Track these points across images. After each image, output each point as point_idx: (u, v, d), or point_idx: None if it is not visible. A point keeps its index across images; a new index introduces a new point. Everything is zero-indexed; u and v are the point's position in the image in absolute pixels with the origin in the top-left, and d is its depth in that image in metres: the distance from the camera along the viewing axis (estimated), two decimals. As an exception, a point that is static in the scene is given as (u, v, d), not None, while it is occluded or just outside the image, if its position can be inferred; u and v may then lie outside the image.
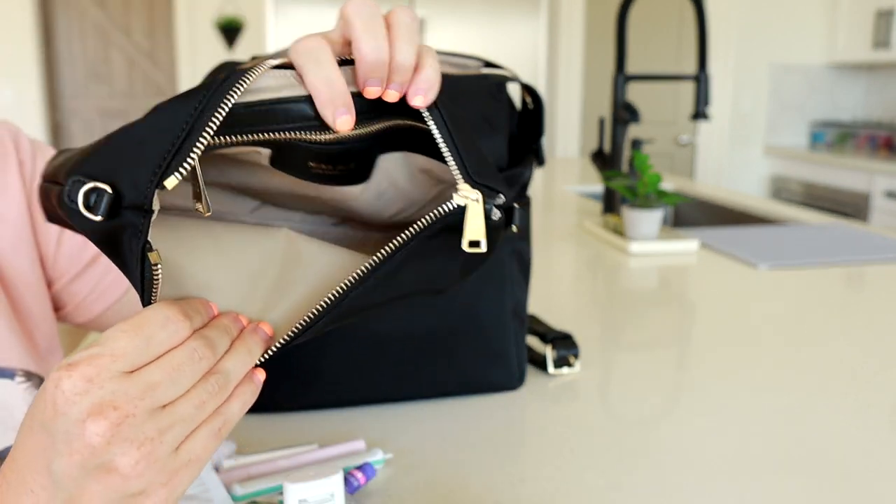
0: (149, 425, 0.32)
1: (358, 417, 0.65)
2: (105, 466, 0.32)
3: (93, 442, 0.31)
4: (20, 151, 0.57)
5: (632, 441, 0.61)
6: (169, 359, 0.34)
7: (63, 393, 0.31)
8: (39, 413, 0.32)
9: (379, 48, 0.35)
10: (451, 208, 0.37)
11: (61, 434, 0.31)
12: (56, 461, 0.32)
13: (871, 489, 0.54)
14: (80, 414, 0.31)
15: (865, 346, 0.84)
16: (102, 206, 0.31)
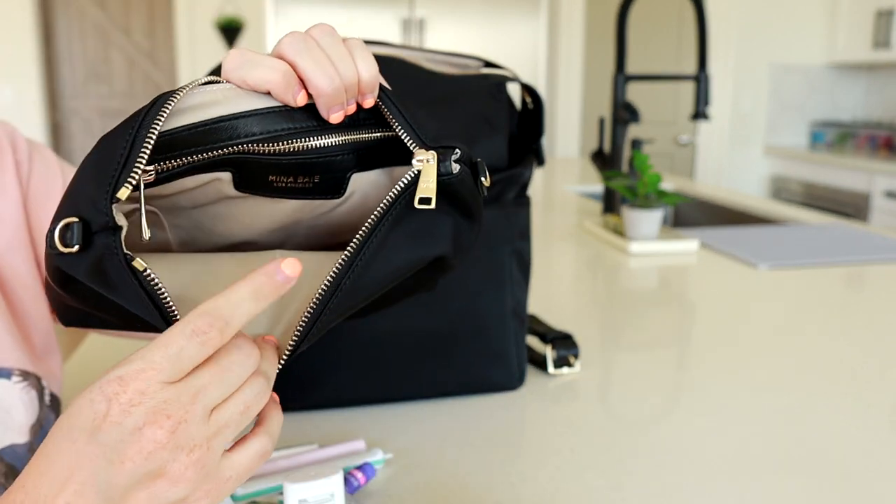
0: (199, 431, 0.33)
1: (358, 417, 0.65)
2: (154, 473, 0.32)
3: (148, 449, 0.32)
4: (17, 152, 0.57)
5: (632, 441, 0.61)
6: (217, 360, 0.34)
7: (120, 404, 0.32)
8: (84, 423, 0.32)
9: (331, 78, 0.37)
10: (412, 176, 0.38)
11: (115, 443, 0.32)
12: (105, 470, 0.32)
13: (871, 489, 0.54)
14: (135, 423, 0.32)
15: (865, 346, 0.84)
16: (75, 236, 0.32)
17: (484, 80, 0.67)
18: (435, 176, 0.38)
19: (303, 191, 0.40)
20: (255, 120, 0.37)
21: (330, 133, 0.39)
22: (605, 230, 1.42)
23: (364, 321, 0.64)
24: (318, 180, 0.40)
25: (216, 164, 0.37)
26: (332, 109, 0.38)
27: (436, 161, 0.38)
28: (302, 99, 0.37)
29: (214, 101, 0.36)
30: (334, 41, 0.38)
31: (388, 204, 0.38)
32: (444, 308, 0.65)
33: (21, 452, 0.51)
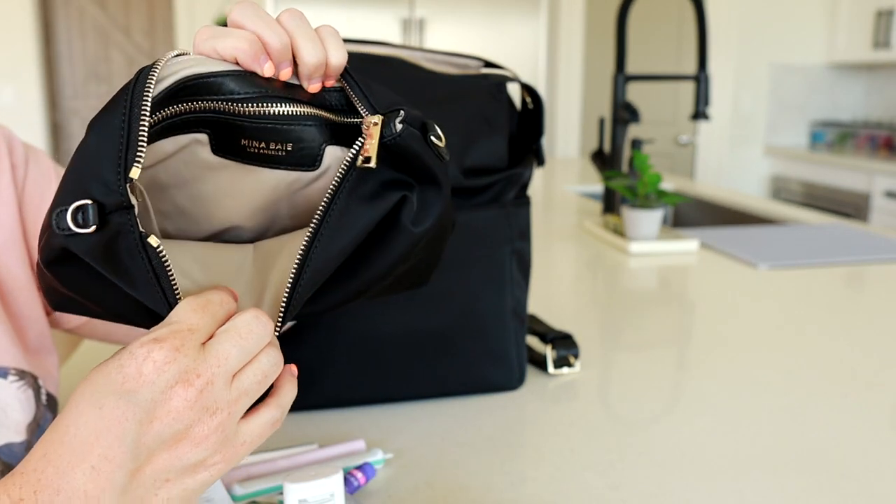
0: (223, 395, 0.34)
1: (358, 417, 0.65)
2: (180, 434, 0.33)
3: (177, 408, 0.33)
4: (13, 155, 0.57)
5: (632, 441, 0.61)
6: (235, 327, 0.36)
7: (154, 362, 0.33)
8: (112, 387, 0.33)
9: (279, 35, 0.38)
10: (360, 143, 0.39)
11: (145, 402, 0.32)
12: (134, 430, 0.32)
13: (871, 489, 0.54)
14: (168, 381, 0.33)
15: (865, 346, 0.84)
16: (91, 216, 0.33)
17: (484, 80, 0.67)
18: (377, 137, 0.39)
19: (276, 159, 0.42)
20: (231, 79, 0.38)
21: (300, 103, 0.40)
22: (605, 230, 1.42)
23: (364, 321, 0.64)
24: (290, 149, 0.41)
25: (192, 123, 0.39)
26: (281, 66, 0.39)
27: (381, 123, 0.39)
28: (269, 69, 0.38)
29: (189, 65, 0.38)
30: (301, 23, 0.39)
31: (342, 172, 0.39)
32: (444, 308, 0.65)
33: (18, 451, 0.51)
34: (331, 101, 0.42)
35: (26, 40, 4.05)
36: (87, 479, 0.32)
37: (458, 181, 0.64)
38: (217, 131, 0.40)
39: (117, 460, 0.32)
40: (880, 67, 4.11)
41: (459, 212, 0.65)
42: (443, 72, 0.67)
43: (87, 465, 0.32)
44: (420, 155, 0.41)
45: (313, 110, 0.41)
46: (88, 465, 0.32)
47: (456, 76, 0.67)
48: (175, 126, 0.39)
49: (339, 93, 0.42)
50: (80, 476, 0.32)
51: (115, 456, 0.32)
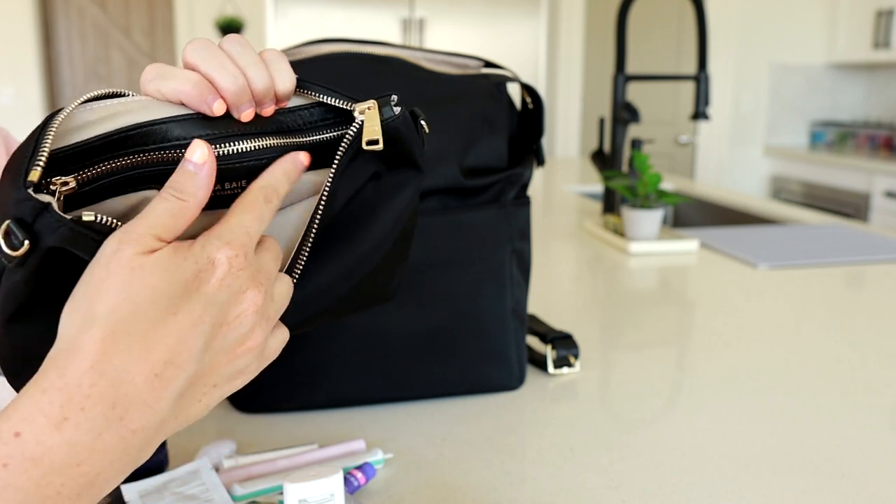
0: (271, 305, 0.35)
1: (358, 417, 0.65)
2: (241, 339, 0.34)
3: (247, 311, 0.33)
4: None
5: (632, 441, 0.61)
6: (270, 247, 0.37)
7: (231, 266, 0.33)
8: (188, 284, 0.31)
9: (235, 76, 0.37)
10: (357, 127, 0.40)
11: (220, 304, 0.32)
12: (208, 332, 0.32)
13: (871, 489, 0.54)
14: (241, 286, 0.33)
15: (865, 346, 0.84)
16: (19, 235, 0.31)
17: (484, 80, 0.67)
18: (378, 119, 0.40)
19: (233, 198, 0.40)
20: (174, 125, 0.37)
21: (253, 137, 0.39)
22: (605, 230, 1.42)
23: (364, 321, 0.64)
24: (244, 185, 0.40)
25: (139, 180, 0.37)
26: (241, 108, 0.38)
27: (377, 107, 0.40)
28: (219, 107, 0.37)
29: (127, 111, 0.36)
30: (243, 49, 0.38)
31: (340, 156, 0.40)
32: (444, 308, 0.65)
33: None
34: (287, 124, 0.40)
35: (26, 40, 4.05)
36: (148, 389, 0.30)
37: (458, 181, 0.64)
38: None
39: (184, 366, 0.31)
40: (880, 67, 4.11)
41: (459, 212, 0.65)
42: (443, 72, 0.67)
43: (149, 372, 0.30)
44: (408, 140, 0.42)
45: (272, 141, 0.40)
46: (153, 374, 0.30)
47: (456, 76, 0.67)
48: (120, 183, 0.36)
49: (293, 113, 0.41)
50: (142, 386, 0.30)
51: (182, 361, 0.31)
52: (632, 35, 4.16)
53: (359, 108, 0.40)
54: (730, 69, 4.10)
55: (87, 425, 0.28)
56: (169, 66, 0.38)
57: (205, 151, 0.34)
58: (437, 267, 0.65)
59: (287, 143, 0.40)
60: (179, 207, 0.33)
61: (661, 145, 4.28)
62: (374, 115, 0.40)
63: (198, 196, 0.33)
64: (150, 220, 0.32)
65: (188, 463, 0.56)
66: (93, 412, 0.28)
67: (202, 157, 0.33)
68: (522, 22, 3.84)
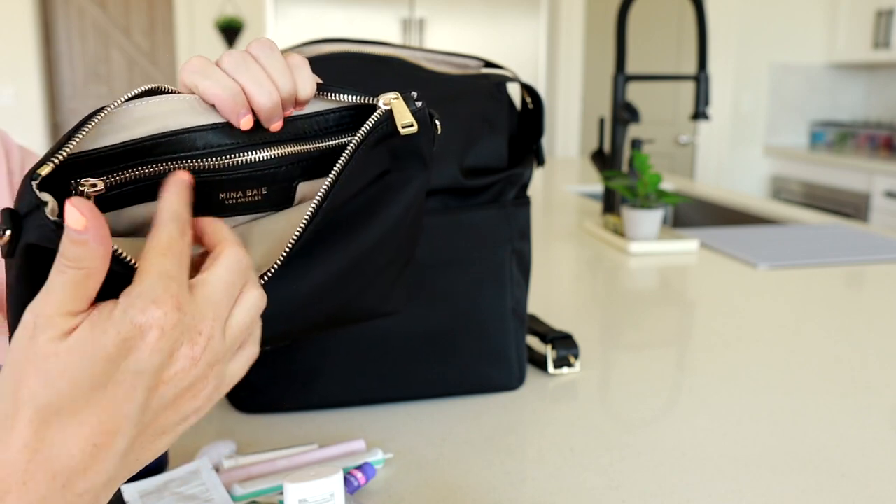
0: (221, 346, 0.34)
1: (358, 417, 0.65)
2: (183, 392, 0.33)
3: (184, 367, 0.32)
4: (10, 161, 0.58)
5: (632, 441, 0.62)
6: (213, 271, 0.34)
7: (161, 328, 0.31)
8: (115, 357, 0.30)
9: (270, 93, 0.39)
10: (382, 113, 0.41)
11: (151, 372, 0.31)
12: (143, 398, 0.31)
13: (871, 489, 0.54)
14: (174, 345, 0.31)
15: (865, 346, 0.84)
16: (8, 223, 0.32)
17: (484, 80, 0.67)
18: (407, 108, 0.41)
19: (253, 205, 0.42)
20: (199, 135, 0.38)
21: (274, 146, 0.41)
22: (605, 230, 1.42)
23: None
24: (265, 192, 0.41)
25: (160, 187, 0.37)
26: (272, 121, 0.40)
27: (401, 99, 0.42)
28: (247, 123, 0.38)
29: (160, 114, 0.37)
30: (273, 56, 0.40)
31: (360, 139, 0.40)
32: (444, 308, 0.65)
33: None
34: (304, 130, 0.42)
35: (26, 40, 4.05)
36: (88, 457, 0.30)
37: (458, 181, 0.64)
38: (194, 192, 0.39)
39: (122, 432, 0.31)
40: (880, 67, 4.11)
41: (459, 212, 0.65)
42: (443, 72, 0.67)
43: (86, 443, 0.30)
44: (424, 135, 0.43)
45: (291, 149, 0.41)
46: (90, 444, 0.30)
47: (456, 76, 0.67)
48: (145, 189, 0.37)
49: (310, 119, 0.42)
50: (79, 455, 0.30)
51: (118, 428, 0.31)
52: (632, 35, 4.16)
53: (384, 98, 0.42)
54: (730, 69, 4.10)
55: (29, 497, 0.29)
56: (212, 65, 0.39)
57: (77, 215, 0.30)
58: (437, 267, 0.65)
59: (304, 150, 0.42)
60: (81, 277, 0.30)
61: (661, 145, 4.28)
62: (401, 104, 0.42)
63: (95, 260, 0.30)
64: (55, 298, 0.30)
65: (188, 463, 0.56)
66: (34, 484, 0.29)
67: (78, 222, 0.30)
68: (522, 22, 3.84)
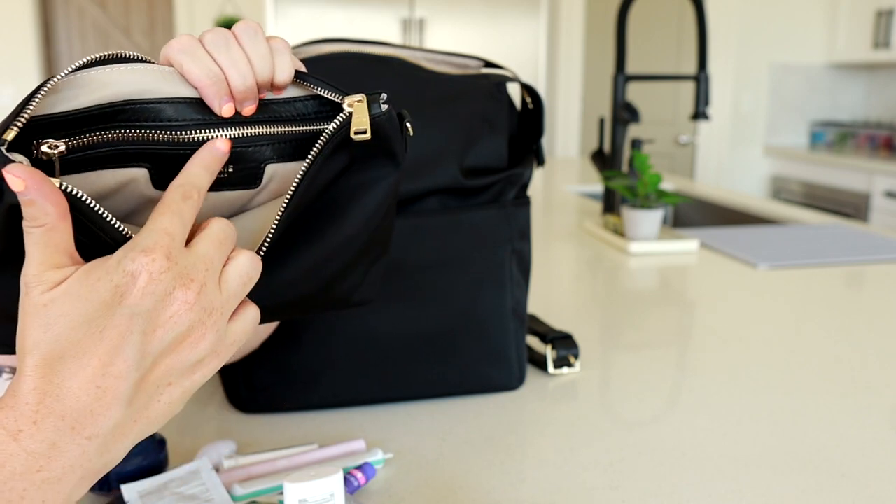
0: (216, 295, 0.35)
1: (358, 417, 0.65)
2: (181, 337, 0.34)
3: (178, 311, 0.33)
4: None
5: (632, 441, 0.61)
6: (207, 232, 0.36)
7: (150, 273, 0.33)
8: (110, 302, 0.32)
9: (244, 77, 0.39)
10: (345, 116, 0.41)
11: (147, 312, 0.33)
12: (139, 341, 0.33)
13: (871, 489, 0.54)
14: (166, 288, 0.33)
15: (865, 346, 0.84)
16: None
17: (484, 79, 0.67)
18: (367, 113, 0.41)
19: (219, 182, 0.42)
20: (168, 106, 0.38)
21: (245, 125, 0.41)
22: (605, 230, 1.42)
23: (364, 321, 0.64)
24: (231, 170, 0.42)
25: (129, 156, 0.38)
26: (244, 105, 0.40)
27: (366, 101, 0.41)
28: (228, 111, 0.39)
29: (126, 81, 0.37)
30: (256, 39, 0.40)
31: (324, 142, 0.41)
32: (444, 308, 0.65)
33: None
34: (280, 113, 0.42)
35: (26, 40, 4.05)
36: (93, 400, 0.32)
37: (458, 181, 0.64)
38: (158, 164, 0.39)
39: (123, 375, 0.32)
40: (880, 67, 4.11)
41: (459, 212, 0.65)
42: (443, 72, 0.67)
43: (90, 384, 0.32)
44: (392, 139, 0.43)
45: (261, 130, 0.42)
46: (94, 385, 0.32)
47: (456, 76, 0.67)
48: (110, 157, 0.38)
49: (289, 104, 0.42)
50: (84, 398, 0.32)
51: (120, 372, 0.32)
52: (632, 35, 4.16)
53: (348, 100, 0.41)
54: (730, 69, 4.10)
55: (41, 436, 0.31)
56: (200, 47, 0.39)
57: (14, 179, 0.31)
58: (437, 267, 0.65)
59: (276, 133, 0.42)
60: (43, 232, 0.32)
61: (661, 145, 4.28)
62: (362, 107, 0.41)
63: (48, 216, 0.32)
64: (32, 259, 0.33)
65: (188, 463, 0.56)
66: (44, 424, 0.31)
67: (17, 184, 0.31)
68: (522, 22, 3.84)
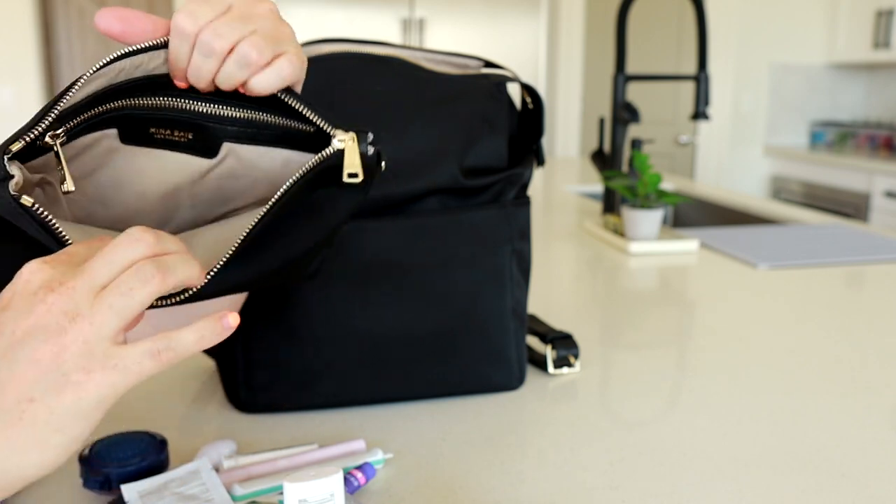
0: (84, 301, 0.34)
1: (358, 417, 0.65)
2: (41, 338, 0.33)
3: (39, 310, 0.33)
4: None
5: (632, 441, 0.61)
6: (107, 248, 0.36)
7: (23, 274, 0.34)
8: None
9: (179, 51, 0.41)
10: (332, 151, 0.42)
11: (14, 312, 0.33)
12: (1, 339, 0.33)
13: (871, 489, 0.54)
14: (33, 289, 0.33)
15: (865, 346, 0.84)
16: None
17: (484, 79, 0.67)
18: (358, 155, 0.43)
19: (179, 145, 0.46)
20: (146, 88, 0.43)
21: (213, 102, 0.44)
22: (605, 230, 1.42)
23: (364, 321, 0.64)
24: (191, 137, 0.46)
25: (107, 121, 0.43)
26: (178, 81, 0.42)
27: (356, 142, 0.43)
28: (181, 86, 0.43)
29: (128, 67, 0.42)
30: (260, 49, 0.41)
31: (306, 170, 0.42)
32: (444, 308, 0.65)
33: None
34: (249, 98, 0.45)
35: (26, 40, 4.05)
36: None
37: (458, 181, 0.64)
38: (126, 125, 0.44)
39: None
40: (880, 67, 4.11)
41: (459, 212, 0.65)
42: (443, 72, 0.67)
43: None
44: (373, 180, 0.45)
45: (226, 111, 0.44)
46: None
47: (456, 76, 0.67)
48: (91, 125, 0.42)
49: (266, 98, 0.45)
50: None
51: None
52: (632, 35, 4.16)
53: (339, 136, 0.42)
54: (730, 69, 4.10)
55: None
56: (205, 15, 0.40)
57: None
58: (437, 267, 0.65)
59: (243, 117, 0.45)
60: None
61: (661, 145, 4.28)
62: (354, 148, 0.42)
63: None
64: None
65: (188, 463, 0.56)
66: None
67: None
68: (522, 22, 3.84)
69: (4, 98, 4.09)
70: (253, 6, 0.41)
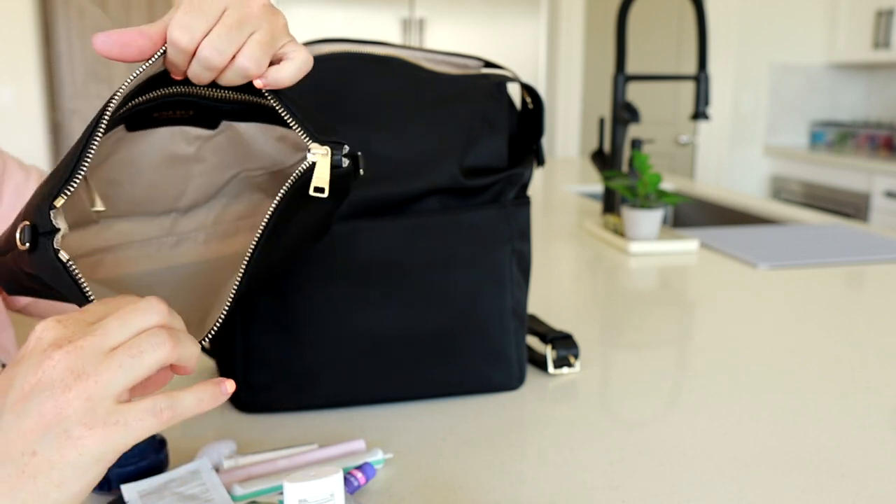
0: (91, 360, 0.34)
1: (358, 417, 0.65)
2: (47, 394, 0.33)
3: (46, 366, 0.33)
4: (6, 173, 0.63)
5: (632, 441, 0.61)
6: (122, 311, 0.36)
7: (35, 331, 0.34)
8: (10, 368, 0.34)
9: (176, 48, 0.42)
10: (308, 165, 0.44)
11: (25, 367, 0.34)
12: (9, 396, 0.33)
13: (871, 489, 0.54)
14: (43, 346, 0.34)
15: (865, 346, 0.84)
16: (26, 236, 0.39)
17: (484, 79, 0.67)
18: (328, 169, 0.45)
19: (182, 121, 0.49)
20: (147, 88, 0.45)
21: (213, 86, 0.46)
22: (605, 230, 1.42)
23: (364, 321, 0.64)
24: (192, 114, 0.48)
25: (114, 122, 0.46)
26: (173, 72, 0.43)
27: (329, 156, 0.44)
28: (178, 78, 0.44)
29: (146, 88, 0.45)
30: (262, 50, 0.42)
31: (285, 191, 0.44)
32: (444, 308, 0.65)
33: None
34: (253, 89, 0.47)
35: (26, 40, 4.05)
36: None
37: (458, 181, 0.64)
38: (132, 118, 0.46)
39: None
40: (880, 67, 4.11)
41: (459, 212, 0.65)
42: (443, 72, 0.67)
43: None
44: (345, 194, 0.47)
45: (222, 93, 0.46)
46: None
47: (456, 76, 0.67)
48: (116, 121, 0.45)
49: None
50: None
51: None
52: (632, 35, 4.16)
53: (314, 149, 0.44)
54: (730, 69, 4.10)
55: None
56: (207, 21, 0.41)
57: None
58: (437, 267, 0.65)
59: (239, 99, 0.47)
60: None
61: (661, 145, 4.28)
62: (325, 162, 0.44)
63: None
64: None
65: (188, 463, 0.56)
66: None
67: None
68: (522, 22, 3.84)
69: (4, 98, 4.09)
70: (246, 5, 0.41)
